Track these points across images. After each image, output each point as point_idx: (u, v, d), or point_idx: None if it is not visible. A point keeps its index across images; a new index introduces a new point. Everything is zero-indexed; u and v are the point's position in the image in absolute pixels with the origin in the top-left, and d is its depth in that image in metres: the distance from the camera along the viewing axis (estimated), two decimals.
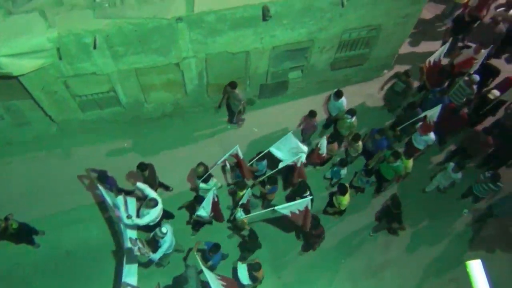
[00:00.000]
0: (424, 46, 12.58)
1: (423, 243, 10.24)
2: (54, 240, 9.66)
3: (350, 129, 9.97)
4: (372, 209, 10.46)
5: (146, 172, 8.90)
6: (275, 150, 9.30)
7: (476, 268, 6.99)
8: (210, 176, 8.81)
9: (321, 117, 10.89)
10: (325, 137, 9.52)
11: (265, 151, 9.30)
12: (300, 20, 9.20)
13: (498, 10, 11.23)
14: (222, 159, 8.90)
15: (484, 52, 10.17)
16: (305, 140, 10.39)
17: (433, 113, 9.39)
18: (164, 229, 7.98)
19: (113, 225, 9.62)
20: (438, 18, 12.98)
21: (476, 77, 9.97)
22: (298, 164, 9.03)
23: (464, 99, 10.40)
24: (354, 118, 9.72)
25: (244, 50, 9.65)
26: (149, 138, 10.98)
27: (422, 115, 9.67)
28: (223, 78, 10.37)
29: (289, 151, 9.24)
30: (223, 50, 9.44)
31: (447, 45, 10.29)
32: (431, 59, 10.33)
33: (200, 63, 9.71)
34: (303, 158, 8.95)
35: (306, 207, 8.18)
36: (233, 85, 9.83)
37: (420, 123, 9.84)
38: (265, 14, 8.52)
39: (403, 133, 10.47)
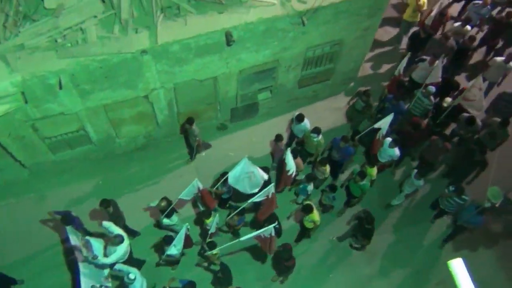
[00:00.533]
0: (384, 66, 12.90)
1: (405, 250, 10.33)
2: None
3: (317, 148, 9.96)
4: (345, 223, 10.50)
5: (110, 208, 8.64)
6: (233, 180, 8.98)
7: (458, 266, 7.06)
8: (173, 210, 8.63)
9: None
10: (289, 152, 9.26)
11: (226, 176, 9.04)
12: (264, 42, 9.34)
13: (455, 24, 11.63)
14: (183, 195, 8.65)
15: (438, 62, 10.46)
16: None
17: (384, 125, 9.56)
18: (132, 275, 7.74)
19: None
20: (396, 39, 13.29)
21: (432, 88, 10.19)
22: (270, 195, 8.67)
23: (423, 110, 10.61)
24: (320, 136, 9.72)
25: (212, 76, 9.71)
26: (124, 173, 10.84)
27: (377, 124, 9.76)
28: (194, 105, 10.40)
29: (249, 180, 8.96)
30: (191, 78, 9.48)
31: (405, 60, 10.58)
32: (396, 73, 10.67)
33: (169, 93, 9.71)
34: (272, 189, 8.61)
35: (271, 234, 8.11)
36: (190, 121, 9.77)
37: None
38: (229, 39, 8.62)
39: (360, 143, 10.64)
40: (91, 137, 10.05)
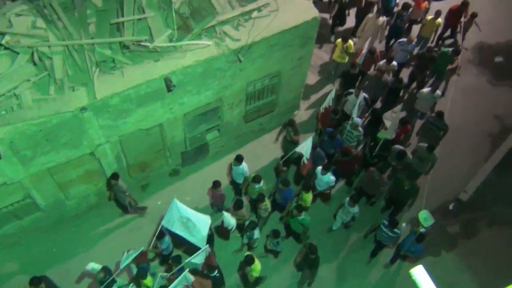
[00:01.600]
0: (326, 88, 13.29)
1: (364, 267, 10.49)
2: None
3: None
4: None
5: (41, 285, 8.12)
6: (167, 223, 8.58)
7: (419, 274, 7.13)
8: (113, 281, 8.19)
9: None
10: (228, 214, 9.20)
11: (160, 227, 8.66)
12: (204, 83, 9.44)
13: (381, 62, 12.12)
14: (125, 265, 8.27)
15: (362, 93, 10.87)
16: (220, 210, 10.13)
17: (306, 149, 9.74)
18: None
19: None
20: (326, 78, 13.65)
21: (357, 120, 10.44)
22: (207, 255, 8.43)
23: (356, 141, 10.86)
24: (262, 183, 9.61)
25: (157, 123, 9.66)
26: (78, 235, 10.43)
27: (297, 149, 9.91)
28: (142, 155, 10.27)
29: (184, 226, 8.53)
30: (136, 128, 9.38)
31: (333, 92, 10.83)
32: (323, 106, 10.93)
33: (115, 147, 9.54)
34: (207, 250, 8.34)
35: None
36: (115, 177, 9.35)
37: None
38: (169, 85, 8.65)
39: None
40: (39, 203, 9.63)
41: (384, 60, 11.98)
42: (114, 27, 8.94)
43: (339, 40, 12.19)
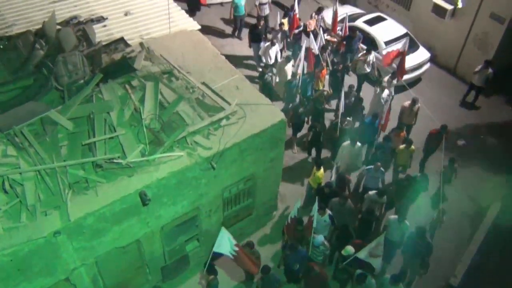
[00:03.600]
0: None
1: None
2: None
3: None
4: None
5: None
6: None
7: None
8: None
9: None
10: None
11: None
12: (179, 193, 9.43)
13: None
14: None
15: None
16: None
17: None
18: None
19: None
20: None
21: (318, 241, 10.18)
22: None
23: (322, 257, 10.57)
24: None
25: (134, 239, 9.41)
26: None
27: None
28: (121, 274, 9.86)
29: None
30: (112, 247, 9.10)
31: (299, 203, 10.95)
32: (289, 216, 10.93)
33: (91, 269, 9.15)
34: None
35: None
36: None
37: None
38: (144, 199, 8.58)
39: None
40: None
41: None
42: (86, 147, 9.07)
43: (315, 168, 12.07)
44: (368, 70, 15.62)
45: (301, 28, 17.09)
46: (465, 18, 16.48)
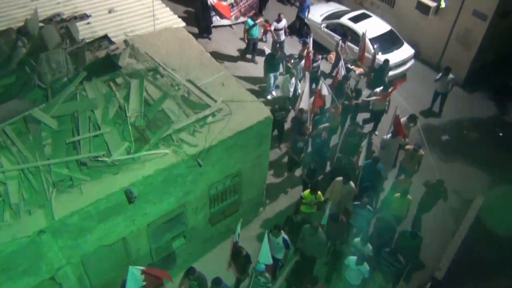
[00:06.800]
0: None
1: None
2: None
3: None
4: None
5: None
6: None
7: None
8: None
9: None
10: None
11: None
12: (165, 191, 9.42)
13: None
14: None
15: None
16: None
17: None
18: None
19: None
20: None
21: (260, 266, 9.56)
22: None
23: None
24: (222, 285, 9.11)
25: (120, 237, 9.38)
26: None
27: None
28: (107, 273, 9.81)
29: None
30: (98, 245, 9.05)
31: (239, 226, 10.36)
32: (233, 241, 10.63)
33: (77, 268, 9.09)
34: None
35: None
36: None
37: None
38: (130, 197, 8.56)
39: None
40: None
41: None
42: (71, 145, 9.01)
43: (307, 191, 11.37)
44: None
45: (319, 62, 15.96)
46: (448, 15, 16.71)
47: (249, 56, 17.71)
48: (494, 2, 15.21)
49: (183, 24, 13.23)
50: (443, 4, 16.55)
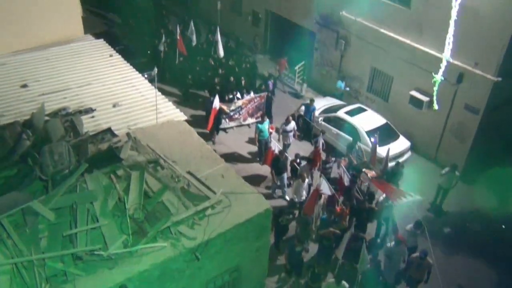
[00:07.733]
0: None
1: None
2: None
3: None
4: None
5: None
6: None
7: None
8: None
9: None
10: None
11: None
12: (162, 286, 9.08)
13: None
14: None
15: None
16: None
17: None
18: None
19: None
20: None
21: None
22: None
23: None
24: None
25: None
26: None
27: None
28: None
29: None
30: None
31: None
32: None
33: None
34: None
35: None
36: None
37: None
38: None
39: None
40: None
41: None
42: (67, 238, 8.84)
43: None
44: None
45: (331, 164, 16.08)
46: (441, 109, 17.31)
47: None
48: (485, 97, 15.81)
49: (185, 117, 13.65)
50: (436, 107, 17.15)
